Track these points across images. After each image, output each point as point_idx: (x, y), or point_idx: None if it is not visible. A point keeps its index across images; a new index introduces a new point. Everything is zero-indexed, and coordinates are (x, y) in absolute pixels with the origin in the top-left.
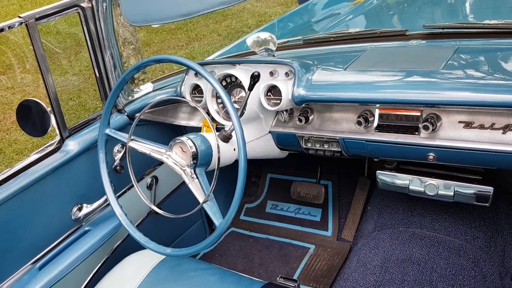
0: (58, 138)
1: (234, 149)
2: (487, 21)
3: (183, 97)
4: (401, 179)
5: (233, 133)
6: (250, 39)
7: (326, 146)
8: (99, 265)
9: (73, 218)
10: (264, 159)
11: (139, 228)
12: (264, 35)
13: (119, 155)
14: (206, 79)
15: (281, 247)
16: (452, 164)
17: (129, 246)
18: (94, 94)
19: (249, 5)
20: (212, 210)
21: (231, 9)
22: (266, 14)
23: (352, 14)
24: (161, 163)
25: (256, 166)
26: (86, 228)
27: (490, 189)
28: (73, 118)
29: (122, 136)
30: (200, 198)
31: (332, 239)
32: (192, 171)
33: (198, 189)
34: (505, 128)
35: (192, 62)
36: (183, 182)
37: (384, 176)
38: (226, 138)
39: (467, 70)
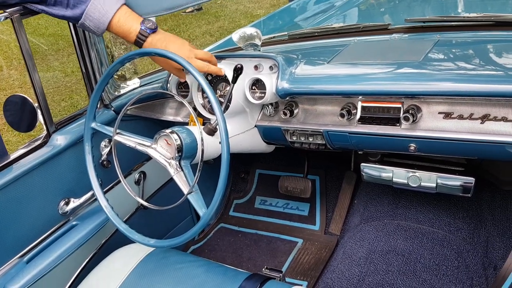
0: (44, 133)
1: (220, 142)
2: (466, 14)
3: (170, 92)
4: (385, 172)
5: (218, 126)
6: (235, 35)
7: (310, 139)
8: (87, 259)
9: (60, 212)
10: (253, 155)
11: (127, 223)
12: (250, 30)
13: (106, 150)
14: (190, 72)
15: (269, 242)
16: (434, 155)
17: (117, 241)
18: (87, 95)
19: (242, 6)
20: (196, 201)
21: (224, 10)
22: (259, 15)
23: (338, 11)
24: (149, 158)
25: (245, 162)
26: (74, 223)
27: (471, 179)
28: None
29: (108, 130)
30: (185, 190)
31: (319, 233)
32: (177, 163)
33: (183, 181)
34: (483, 118)
35: (177, 55)
36: (172, 178)
37: (368, 169)
38: (211, 131)
39: (446, 62)
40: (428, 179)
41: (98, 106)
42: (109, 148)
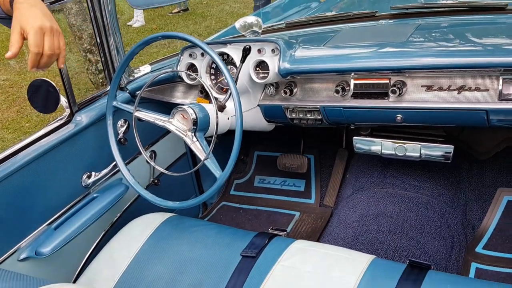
0: (68, 112)
1: (228, 118)
2: (445, 1)
3: (181, 76)
4: (375, 144)
5: (227, 103)
6: (238, 23)
7: (308, 115)
8: (108, 227)
9: (83, 185)
10: (251, 139)
11: (138, 200)
12: (251, 19)
13: (122, 129)
14: (207, 52)
15: (269, 216)
16: (418, 125)
17: (134, 212)
18: (78, 93)
19: (227, 6)
20: (212, 165)
21: (210, 10)
22: (245, 15)
23: (329, 3)
24: (158, 139)
25: (244, 145)
26: (95, 195)
27: (451, 147)
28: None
29: (128, 108)
30: (202, 157)
31: (315, 206)
32: (193, 135)
33: (199, 149)
34: (460, 89)
35: (195, 39)
36: (179, 158)
37: (360, 143)
38: (221, 108)
39: (427, 41)
40: (412, 149)
41: None
42: (125, 127)
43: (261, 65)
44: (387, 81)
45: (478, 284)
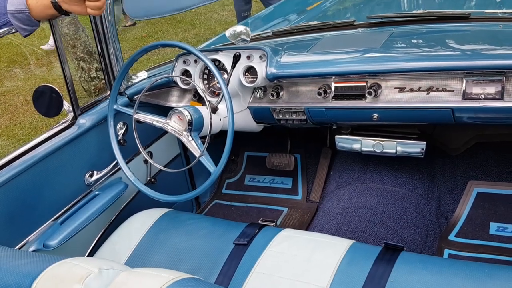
0: (71, 115)
1: (220, 119)
2: (415, 11)
3: (176, 81)
4: (355, 141)
5: (219, 105)
6: (228, 32)
7: (294, 116)
8: (109, 222)
9: (86, 183)
10: (241, 140)
11: (136, 197)
12: (240, 28)
13: (122, 131)
14: (202, 59)
15: (259, 212)
16: (393, 123)
17: (133, 208)
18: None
19: (216, 14)
20: (206, 162)
21: (199, 18)
22: (233, 23)
23: (312, 13)
24: (154, 141)
25: (235, 146)
26: (96, 192)
27: (423, 143)
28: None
29: (128, 111)
30: (197, 154)
31: (302, 202)
32: (188, 134)
33: (194, 148)
34: (429, 90)
35: (191, 47)
36: (173, 158)
37: (342, 140)
38: (214, 110)
39: (399, 47)
40: (389, 146)
41: None
42: (123, 130)
43: (250, 70)
44: (364, 84)
45: (445, 262)
